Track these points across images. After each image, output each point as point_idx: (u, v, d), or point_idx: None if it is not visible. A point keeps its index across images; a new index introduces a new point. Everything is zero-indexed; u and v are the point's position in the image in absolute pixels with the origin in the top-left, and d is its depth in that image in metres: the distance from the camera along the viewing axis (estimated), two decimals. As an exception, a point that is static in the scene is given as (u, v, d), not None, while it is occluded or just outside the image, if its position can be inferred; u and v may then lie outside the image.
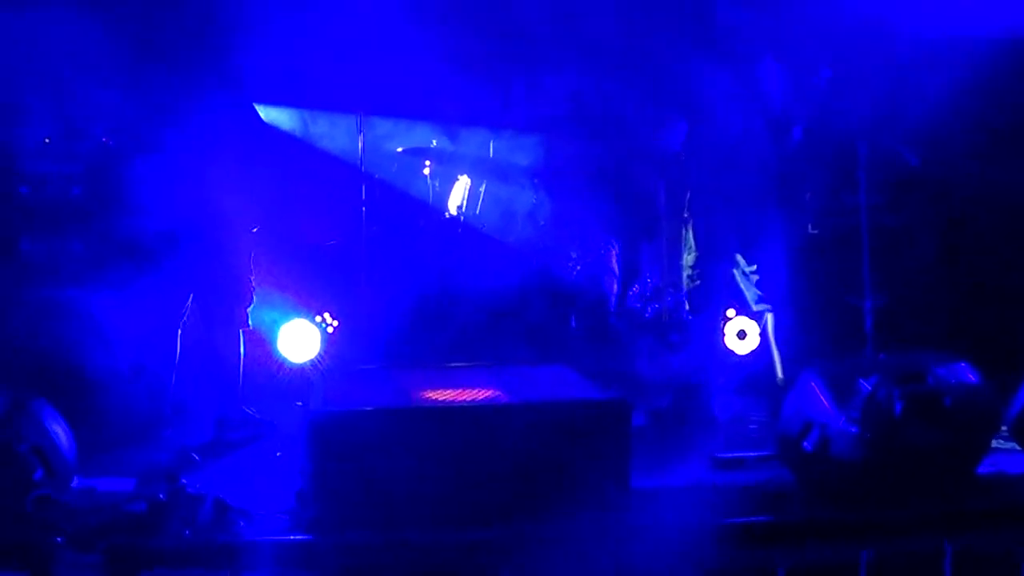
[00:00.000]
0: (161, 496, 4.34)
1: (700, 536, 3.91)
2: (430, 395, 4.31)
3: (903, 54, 6.58)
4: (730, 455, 5.16)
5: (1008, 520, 4.26)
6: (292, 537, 4.04)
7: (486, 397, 4.27)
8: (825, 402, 4.49)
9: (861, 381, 4.46)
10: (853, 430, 4.38)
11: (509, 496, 3.86)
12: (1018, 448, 5.06)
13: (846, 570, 3.89)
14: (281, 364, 6.93)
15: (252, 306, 6.26)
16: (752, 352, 7.00)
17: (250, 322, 6.32)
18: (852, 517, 4.22)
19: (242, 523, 4.18)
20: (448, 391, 4.35)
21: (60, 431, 4.65)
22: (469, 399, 4.22)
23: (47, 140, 7.13)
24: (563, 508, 3.84)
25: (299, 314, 7.04)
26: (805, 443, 4.45)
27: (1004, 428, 5.06)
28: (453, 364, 5.81)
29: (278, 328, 6.94)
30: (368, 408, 4.03)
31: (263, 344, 6.82)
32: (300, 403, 6.45)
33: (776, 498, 4.52)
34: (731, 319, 7.04)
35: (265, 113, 7.78)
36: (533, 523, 3.69)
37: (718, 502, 4.44)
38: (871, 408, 4.37)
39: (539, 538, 3.63)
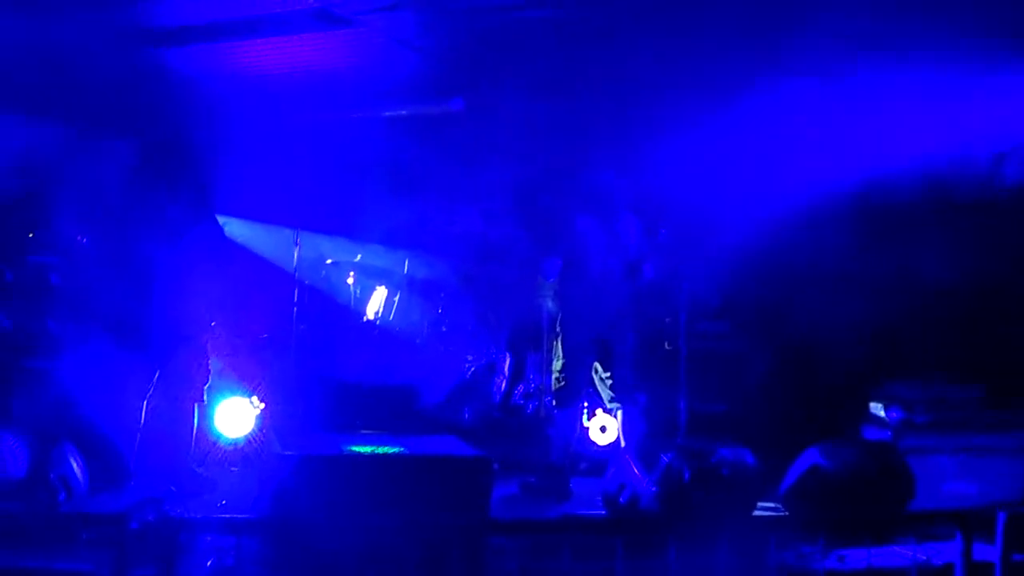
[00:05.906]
0: (150, 518, 5.37)
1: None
2: (353, 449, 5.62)
3: (719, 218, 7.89)
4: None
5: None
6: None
7: (394, 452, 5.58)
8: (636, 470, 5.86)
9: (662, 455, 5.85)
10: (654, 490, 5.79)
11: (407, 514, 5.17)
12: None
13: None
14: (217, 437, 7.42)
15: (208, 385, 6.90)
16: (611, 443, 7.95)
17: (205, 398, 6.95)
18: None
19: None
20: (365, 447, 5.64)
21: (77, 467, 5.81)
22: (381, 452, 5.55)
23: (31, 235, 7.90)
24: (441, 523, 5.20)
25: (235, 394, 7.52)
26: (621, 498, 5.87)
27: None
28: (366, 431, 6.85)
29: (215, 405, 7.37)
30: (313, 455, 5.35)
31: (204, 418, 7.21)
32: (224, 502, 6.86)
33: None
34: (596, 415, 8.03)
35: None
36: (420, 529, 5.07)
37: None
38: (668, 475, 5.79)
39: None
